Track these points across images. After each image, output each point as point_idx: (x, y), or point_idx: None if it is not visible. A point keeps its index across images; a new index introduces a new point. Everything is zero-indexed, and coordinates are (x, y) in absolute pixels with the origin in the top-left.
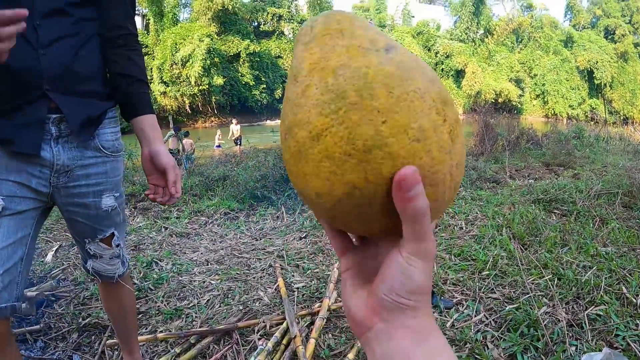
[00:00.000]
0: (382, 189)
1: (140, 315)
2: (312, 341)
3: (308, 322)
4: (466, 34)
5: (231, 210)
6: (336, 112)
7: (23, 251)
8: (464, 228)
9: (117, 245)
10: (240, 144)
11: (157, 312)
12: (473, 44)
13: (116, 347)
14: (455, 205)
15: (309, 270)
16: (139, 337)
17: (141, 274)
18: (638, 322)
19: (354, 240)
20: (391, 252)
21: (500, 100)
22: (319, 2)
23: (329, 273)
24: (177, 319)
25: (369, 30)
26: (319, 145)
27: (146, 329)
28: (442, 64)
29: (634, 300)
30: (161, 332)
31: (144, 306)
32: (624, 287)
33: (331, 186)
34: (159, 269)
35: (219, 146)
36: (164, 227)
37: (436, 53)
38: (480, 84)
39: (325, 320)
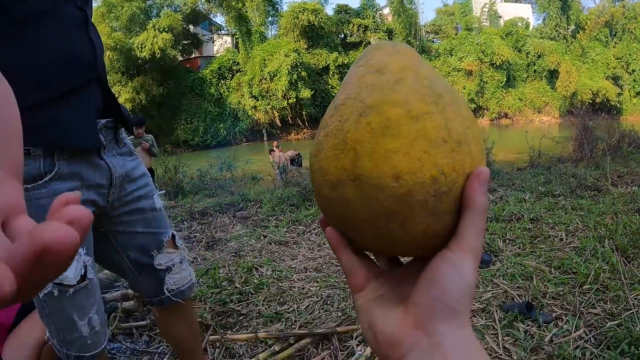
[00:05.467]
0: (460, 182)
1: (241, 317)
2: None
3: None
4: (556, 31)
5: None
6: (436, 104)
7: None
8: (564, 239)
9: (180, 245)
10: (299, 164)
11: (257, 314)
12: (565, 41)
13: (218, 345)
14: (555, 215)
15: None
16: (240, 336)
17: (242, 279)
18: None
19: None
20: (440, 254)
21: (597, 100)
22: (403, 9)
23: None
24: (277, 322)
25: None
26: (418, 125)
27: (247, 330)
28: (534, 64)
29: None
30: (262, 333)
31: (245, 309)
32: None
33: (421, 166)
34: (259, 275)
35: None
36: (262, 235)
37: (527, 54)
38: (576, 84)
39: None
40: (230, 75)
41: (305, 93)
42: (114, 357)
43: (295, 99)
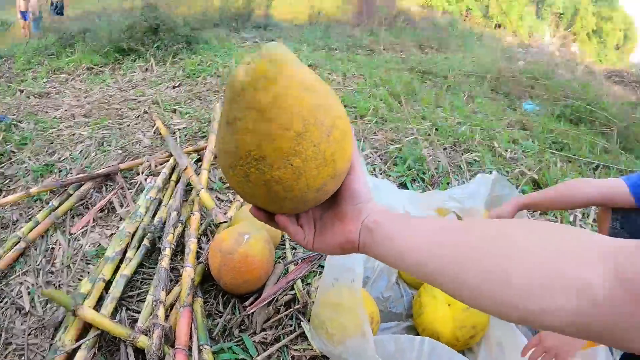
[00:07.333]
0: None
1: (7, 181)
2: (204, 172)
3: (196, 159)
4: None
5: (95, 65)
6: (339, 101)
7: None
8: (342, 83)
9: None
10: (60, 12)
11: (25, 172)
12: None
13: None
14: (333, 64)
15: (187, 114)
16: (9, 199)
17: (0, 137)
18: (507, 170)
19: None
20: (349, 180)
21: None
22: None
23: (208, 116)
24: (49, 175)
25: None
26: (349, 125)
27: (16, 192)
28: None
29: (503, 153)
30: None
31: (9, 170)
32: (494, 142)
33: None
34: (19, 131)
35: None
36: (19, 90)
37: None
38: None
39: (214, 155)
40: None
41: None
42: None
43: None
